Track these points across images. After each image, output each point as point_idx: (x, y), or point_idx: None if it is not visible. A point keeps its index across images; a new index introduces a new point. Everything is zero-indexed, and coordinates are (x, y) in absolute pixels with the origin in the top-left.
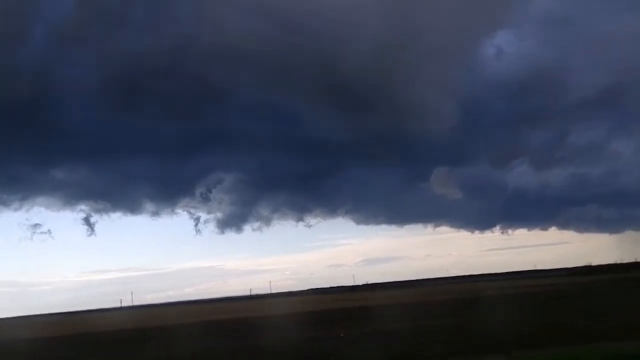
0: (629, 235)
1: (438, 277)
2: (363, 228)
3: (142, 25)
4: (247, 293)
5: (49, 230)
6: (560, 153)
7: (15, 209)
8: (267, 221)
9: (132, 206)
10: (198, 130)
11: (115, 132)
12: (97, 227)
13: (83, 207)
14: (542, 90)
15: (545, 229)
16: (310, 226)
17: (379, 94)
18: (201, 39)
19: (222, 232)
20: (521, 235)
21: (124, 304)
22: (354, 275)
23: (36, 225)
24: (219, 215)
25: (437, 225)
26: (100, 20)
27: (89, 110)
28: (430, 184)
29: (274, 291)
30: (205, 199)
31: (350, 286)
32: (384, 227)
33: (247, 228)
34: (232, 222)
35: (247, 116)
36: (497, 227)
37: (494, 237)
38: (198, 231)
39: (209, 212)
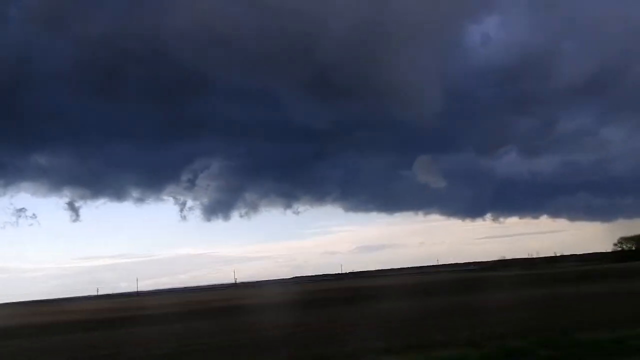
0: (620, 224)
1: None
2: (353, 215)
3: (123, 9)
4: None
5: (33, 215)
6: (549, 140)
7: None
8: (255, 208)
9: (118, 193)
10: (183, 116)
11: (97, 117)
12: (83, 214)
13: (68, 193)
14: (529, 76)
15: (536, 217)
16: (298, 213)
17: (365, 81)
18: (182, 24)
19: (210, 219)
20: (513, 223)
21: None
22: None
23: (22, 210)
24: (207, 201)
25: (427, 213)
26: (79, 3)
27: (69, 96)
28: (417, 171)
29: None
30: (192, 186)
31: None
32: (374, 214)
33: (235, 215)
34: (220, 208)
35: (231, 102)
36: (489, 215)
37: (486, 225)
38: (184, 218)
39: (196, 199)
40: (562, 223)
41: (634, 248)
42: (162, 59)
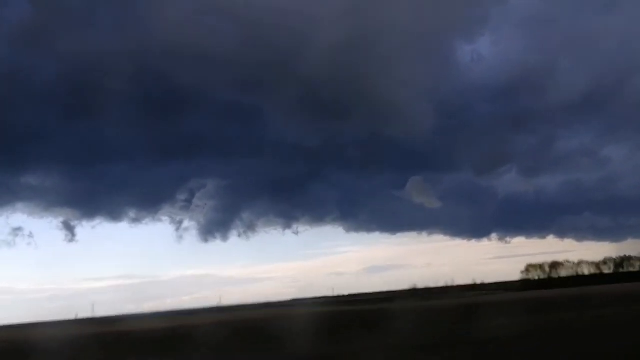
0: (630, 244)
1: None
2: (355, 236)
3: (110, 28)
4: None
5: (30, 234)
6: (549, 160)
7: None
8: (253, 228)
9: (113, 213)
10: (176, 135)
11: (89, 138)
12: (80, 234)
13: (63, 214)
14: (527, 94)
15: (543, 237)
16: (298, 233)
17: (360, 101)
18: (173, 43)
19: (209, 240)
20: (521, 243)
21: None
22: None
23: (18, 229)
24: (208, 222)
25: (430, 234)
26: (67, 22)
27: (58, 115)
28: (416, 191)
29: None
30: (189, 206)
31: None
32: (377, 234)
33: (234, 235)
34: (219, 229)
35: (223, 121)
36: (494, 235)
37: (493, 246)
38: (183, 238)
39: (193, 219)
40: (570, 243)
41: (541, 277)
42: (151, 76)
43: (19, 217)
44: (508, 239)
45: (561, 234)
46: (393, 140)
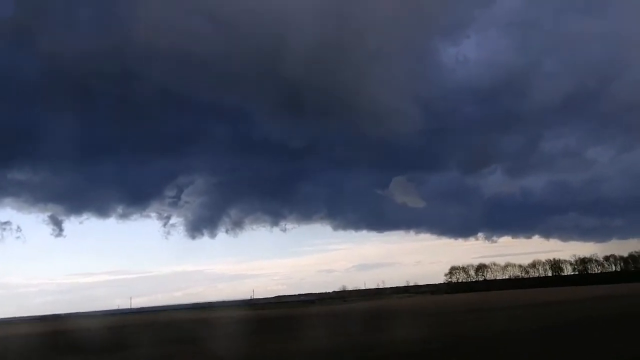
0: (614, 244)
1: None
2: (343, 234)
3: (98, 29)
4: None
5: (18, 227)
6: (534, 160)
7: None
8: (241, 226)
9: (102, 209)
10: (164, 133)
11: (77, 135)
12: (69, 230)
13: (56, 210)
14: (510, 95)
15: (529, 237)
16: (285, 230)
17: (346, 102)
18: (159, 43)
19: (200, 236)
20: (507, 242)
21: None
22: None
23: (7, 224)
24: (195, 219)
25: (418, 232)
26: (57, 24)
27: (47, 113)
28: (398, 191)
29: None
30: (177, 203)
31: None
32: (364, 233)
33: (222, 232)
34: (207, 225)
35: (210, 121)
36: (480, 235)
37: (479, 245)
38: (171, 234)
39: (181, 216)
40: (555, 243)
41: (464, 280)
42: (139, 76)
43: (6, 211)
44: (494, 238)
45: (547, 233)
46: (380, 140)
